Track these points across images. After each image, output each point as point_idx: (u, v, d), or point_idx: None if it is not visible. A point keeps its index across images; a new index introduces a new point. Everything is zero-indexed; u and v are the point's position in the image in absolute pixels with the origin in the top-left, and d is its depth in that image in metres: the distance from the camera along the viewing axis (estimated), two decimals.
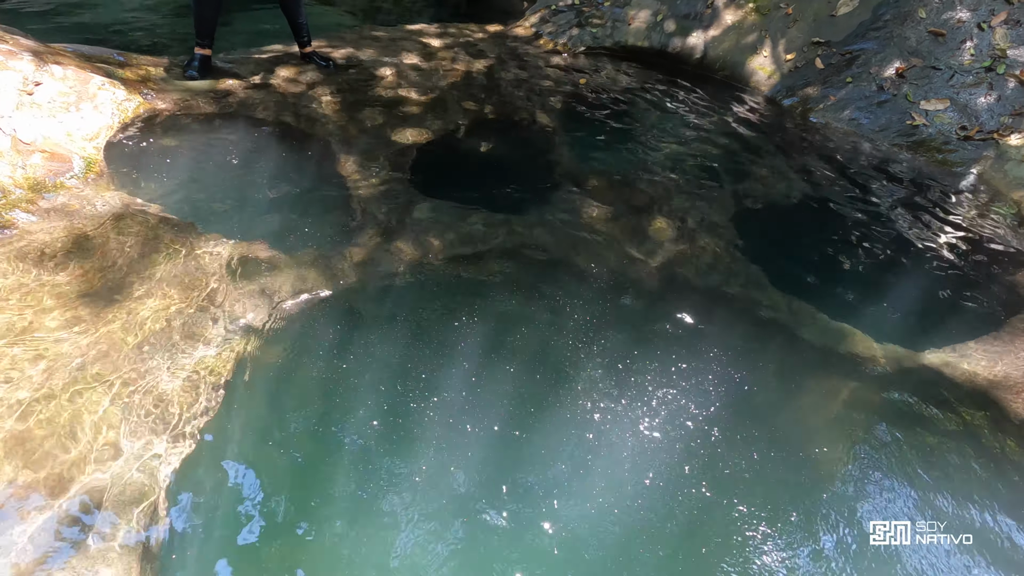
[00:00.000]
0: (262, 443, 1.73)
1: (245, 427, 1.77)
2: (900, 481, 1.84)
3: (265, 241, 2.38)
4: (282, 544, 1.51)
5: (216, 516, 1.56)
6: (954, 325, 2.42)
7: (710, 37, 4.51)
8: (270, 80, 3.49)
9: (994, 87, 3.66)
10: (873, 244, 2.90)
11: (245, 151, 2.90)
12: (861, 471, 1.87)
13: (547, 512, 1.67)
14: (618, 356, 2.17)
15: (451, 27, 4.87)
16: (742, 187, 3.21)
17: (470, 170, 3.11)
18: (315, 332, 2.09)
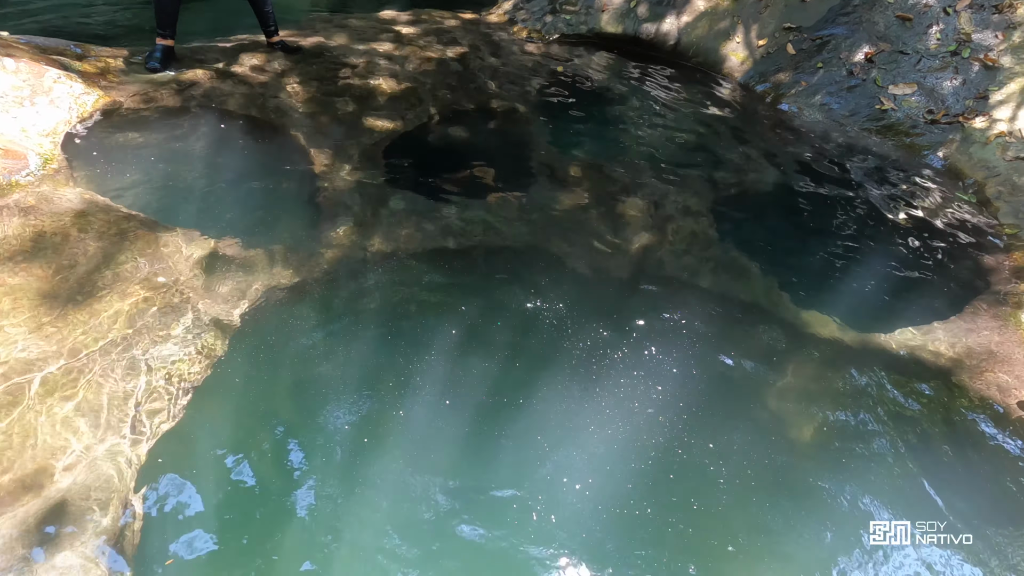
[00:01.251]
0: (232, 441, 1.70)
1: (215, 426, 1.73)
2: (869, 459, 1.88)
3: (234, 236, 2.32)
4: (253, 542, 1.49)
5: (186, 516, 1.53)
6: (920, 306, 2.48)
7: (683, 23, 4.50)
8: (236, 70, 3.40)
9: (959, 71, 3.73)
10: (843, 228, 2.95)
11: (211, 144, 2.83)
12: (833, 451, 1.91)
13: (527, 500, 1.67)
14: (595, 344, 2.17)
15: (423, 14, 4.79)
16: (716, 174, 3.23)
17: (445, 160, 3.07)
18: (287, 328, 2.05)
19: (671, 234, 2.72)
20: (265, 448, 1.70)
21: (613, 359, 2.12)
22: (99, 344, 1.84)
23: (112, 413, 1.69)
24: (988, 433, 1.97)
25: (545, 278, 2.46)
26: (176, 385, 1.80)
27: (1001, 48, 3.69)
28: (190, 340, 1.92)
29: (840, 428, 1.98)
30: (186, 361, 1.86)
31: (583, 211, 2.80)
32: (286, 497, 1.60)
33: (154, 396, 1.75)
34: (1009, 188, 3.15)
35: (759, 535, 1.66)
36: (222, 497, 1.58)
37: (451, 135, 3.24)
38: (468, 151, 3.01)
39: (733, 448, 1.88)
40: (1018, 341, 2.19)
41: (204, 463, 1.65)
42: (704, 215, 2.86)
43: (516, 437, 1.84)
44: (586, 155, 3.23)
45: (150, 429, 1.68)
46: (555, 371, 2.06)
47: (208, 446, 1.69)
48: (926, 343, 2.27)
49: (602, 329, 2.25)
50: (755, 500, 1.75)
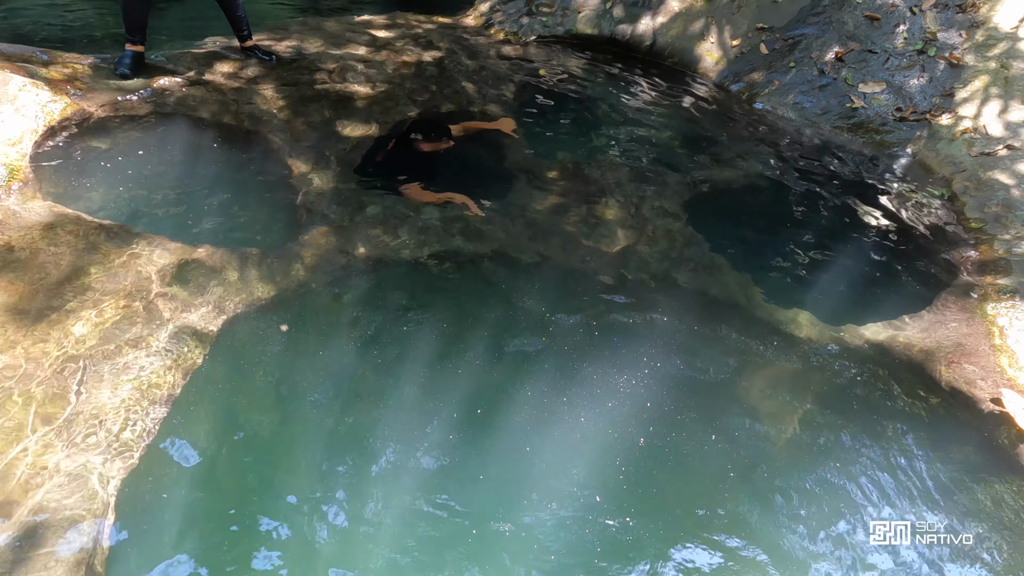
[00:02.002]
0: (210, 455, 1.68)
1: (192, 439, 1.71)
2: (845, 453, 1.92)
3: (209, 245, 2.29)
4: (230, 561, 1.48)
5: (162, 533, 1.51)
6: (891, 300, 2.53)
7: (658, 24, 4.55)
8: (209, 76, 3.35)
9: (926, 69, 3.82)
10: (816, 225, 3.00)
11: (184, 152, 2.79)
12: (810, 446, 1.95)
13: (512, 499, 1.68)
14: (576, 344, 2.19)
15: (399, 17, 4.76)
16: (693, 173, 3.27)
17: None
18: (264, 337, 2.03)
19: (649, 234, 2.75)
20: (243, 462, 1.69)
21: (593, 360, 2.14)
22: (71, 358, 1.80)
23: (85, 429, 1.66)
24: (959, 426, 2.03)
25: (524, 281, 2.47)
26: (152, 398, 1.77)
27: (965, 46, 3.79)
28: (165, 351, 1.90)
29: (816, 423, 2.02)
30: (162, 373, 1.84)
31: (561, 213, 2.81)
32: (264, 513, 1.59)
33: (129, 410, 1.72)
34: (974, 183, 3.23)
35: (738, 531, 1.69)
36: (199, 512, 1.56)
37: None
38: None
39: (713, 445, 1.91)
40: (983, 333, 2.26)
41: (181, 478, 1.63)
42: (681, 215, 2.90)
43: (499, 440, 1.84)
44: (564, 157, 3.25)
45: (125, 444, 1.65)
46: (536, 373, 2.07)
47: (185, 460, 1.67)
48: (897, 337, 2.32)
49: (582, 330, 2.27)
50: (734, 496, 1.77)
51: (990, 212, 3.02)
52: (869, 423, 2.01)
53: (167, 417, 1.75)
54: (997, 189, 3.15)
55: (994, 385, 2.06)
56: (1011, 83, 3.55)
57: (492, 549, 1.58)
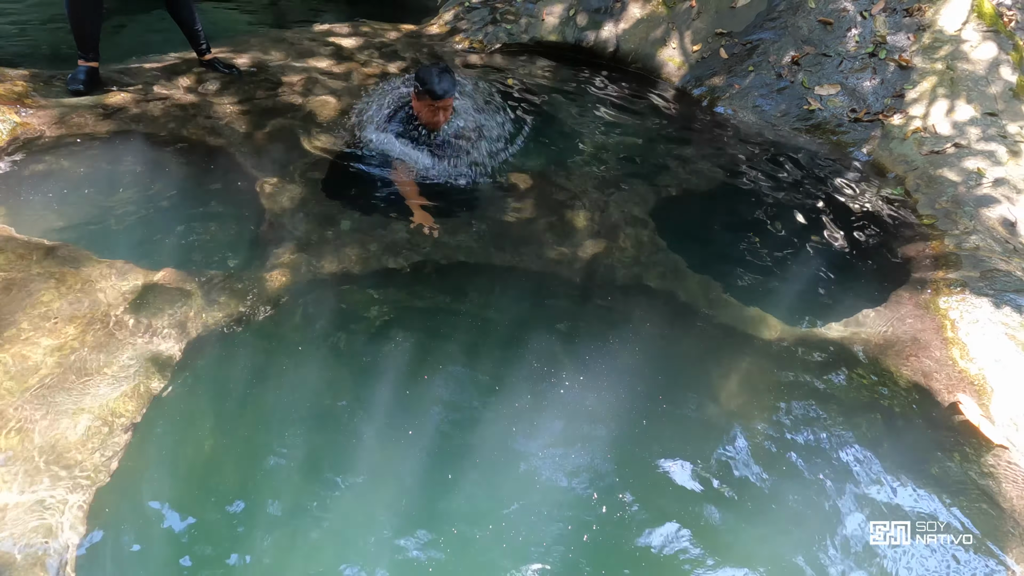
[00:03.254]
0: (176, 483, 1.64)
1: (157, 468, 1.67)
2: (814, 451, 1.98)
3: (171, 267, 2.24)
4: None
5: (129, 565, 1.47)
6: (851, 298, 2.62)
7: (621, 30, 4.62)
8: (167, 91, 3.28)
9: (877, 71, 3.96)
10: (778, 225, 3.09)
11: (143, 171, 2.72)
12: (780, 444, 2.00)
13: (489, 505, 1.68)
14: (547, 354, 2.20)
15: (363, 26, 4.74)
16: (659, 177, 3.32)
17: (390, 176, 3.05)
18: (232, 361, 2.00)
19: (617, 240, 2.78)
20: (212, 488, 1.65)
21: (566, 366, 2.16)
22: (26, 388, 1.74)
23: (43, 462, 1.60)
24: (918, 419, 2.10)
25: (496, 290, 2.48)
26: (113, 426, 1.72)
27: (913, 49, 3.94)
28: (126, 378, 1.85)
29: (784, 421, 2.07)
30: (123, 400, 1.79)
31: (531, 221, 2.83)
32: (234, 539, 1.56)
33: (90, 440, 1.67)
34: (926, 180, 3.37)
35: (711, 532, 1.72)
36: (166, 542, 1.52)
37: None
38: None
39: (685, 447, 1.94)
40: (937, 327, 2.35)
41: (146, 507, 1.59)
42: (648, 219, 2.94)
43: (474, 448, 1.84)
44: (532, 165, 3.27)
45: (86, 475, 1.60)
46: (509, 381, 2.08)
47: (150, 489, 1.63)
48: (858, 333, 2.40)
49: (554, 337, 2.29)
50: (707, 498, 1.81)
51: (940, 208, 3.15)
52: (833, 419, 2.07)
53: (130, 445, 1.70)
54: (946, 186, 3.28)
55: (948, 378, 2.15)
56: (956, 83, 3.70)
57: (473, 552, 1.58)
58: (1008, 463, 1.90)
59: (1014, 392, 2.07)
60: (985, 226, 2.96)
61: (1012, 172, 3.25)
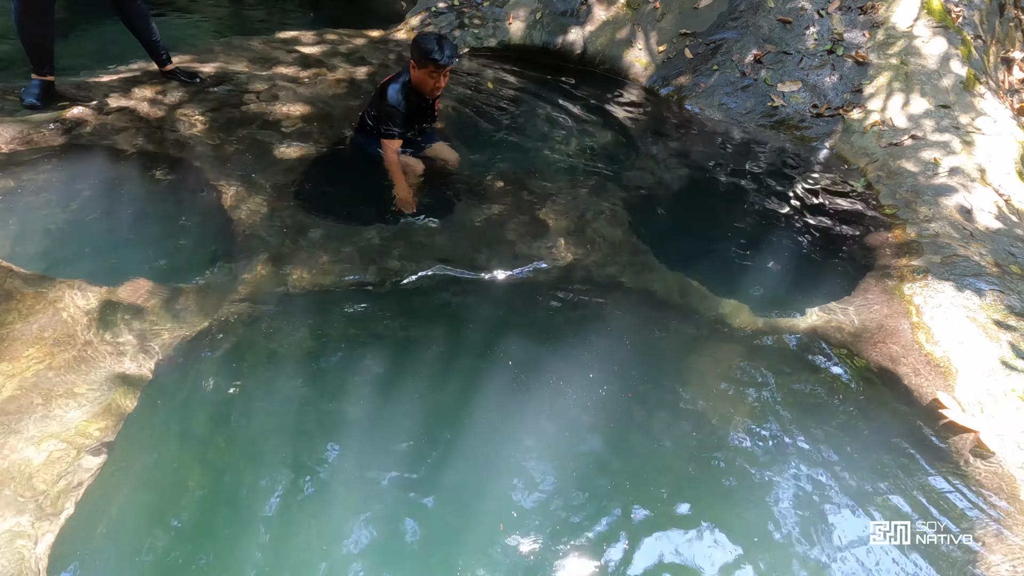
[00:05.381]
0: (147, 505, 1.60)
1: (127, 490, 1.62)
2: (785, 433, 2.02)
3: (137, 283, 2.18)
4: None
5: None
6: (821, 288, 2.68)
7: (588, 33, 4.67)
8: (128, 103, 3.20)
9: (836, 68, 4.08)
10: (748, 220, 3.15)
11: (105, 186, 2.64)
12: (758, 435, 2.04)
13: (475, 506, 1.67)
14: (527, 352, 2.20)
15: (328, 33, 4.69)
16: (630, 177, 3.36)
17: (362, 183, 3.03)
18: (203, 378, 1.95)
19: (592, 240, 2.80)
20: (186, 507, 1.61)
21: (546, 366, 2.16)
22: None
23: (10, 489, 1.54)
24: (887, 403, 2.17)
25: (472, 294, 2.47)
26: (81, 448, 1.66)
27: (869, 45, 4.07)
28: (95, 399, 1.79)
29: (761, 411, 2.11)
30: (91, 421, 1.73)
31: (505, 224, 2.84)
32: (211, 561, 1.52)
33: (57, 464, 1.61)
34: (886, 172, 3.48)
35: (693, 526, 1.74)
36: (138, 566, 1.48)
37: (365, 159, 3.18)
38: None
39: (665, 441, 1.96)
40: (903, 312, 2.42)
41: (117, 531, 1.54)
42: (622, 218, 2.97)
43: (456, 452, 1.83)
44: (504, 168, 3.28)
45: (54, 501, 1.54)
46: (489, 384, 2.08)
47: (121, 512, 1.58)
48: (829, 322, 2.46)
49: (533, 338, 2.29)
50: (690, 489, 1.83)
51: (901, 198, 3.25)
52: (808, 406, 2.12)
53: (99, 468, 1.65)
54: (906, 176, 3.39)
55: (915, 361, 2.21)
56: (910, 78, 3.84)
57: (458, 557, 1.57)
58: (981, 448, 1.97)
59: (977, 371, 2.15)
60: (943, 214, 3.07)
61: (965, 161, 3.38)
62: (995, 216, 3.10)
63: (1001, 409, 2.03)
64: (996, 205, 3.17)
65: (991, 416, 2.01)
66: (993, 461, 1.92)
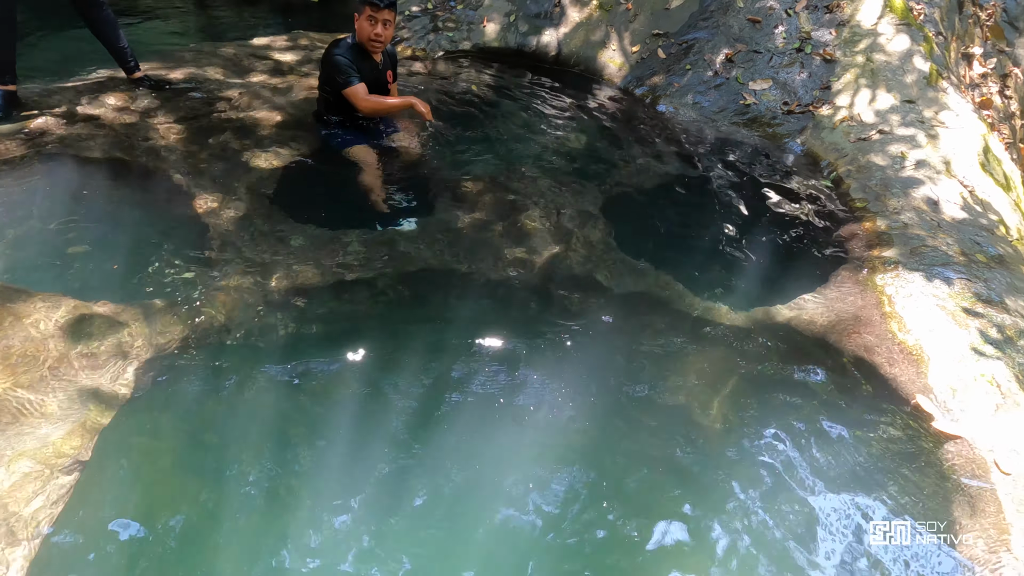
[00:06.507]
0: (126, 525, 1.56)
1: (104, 510, 1.58)
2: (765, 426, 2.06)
3: (111, 295, 2.13)
4: None
5: None
6: (797, 282, 2.73)
7: (562, 34, 4.70)
8: (96, 111, 3.13)
9: (804, 65, 4.17)
10: (724, 217, 3.20)
11: (73, 197, 2.58)
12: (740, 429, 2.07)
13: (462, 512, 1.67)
14: (508, 359, 2.21)
15: (301, 38, 4.65)
16: (608, 177, 3.39)
17: (341, 189, 3.00)
18: (181, 391, 1.91)
19: (571, 241, 2.82)
20: (164, 525, 1.57)
21: (529, 368, 2.17)
22: None
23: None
24: (862, 392, 2.22)
25: (454, 298, 2.47)
26: (55, 468, 1.62)
27: (836, 43, 4.17)
28: (67, 416, 1.74)
29: (744, 406, 2.14)
30: (65, 439, 1.69)
31: (485, 228, 2.84)
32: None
33: (30, 485, 1.57)
34: (856, 167, 3.56)
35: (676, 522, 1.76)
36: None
37: (345, 163, 3.16)
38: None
39: (647, 440, 1.98)
40: (876, 303, 2.48)
41: (95, 551, 1.50)
42: (600, 218, 3.00)
43: (442, 457, 1.83)
44: (483, 171, 3.28)
45: (26, 523, 1.50)
46: (473, 391, 2.07)
47: (98, 532, 1.54)
48: (803, 315, 2.51)
49: (514, 341, 2.29)
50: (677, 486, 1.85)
51: (871, 191, 3.34)
52: (786, 398, 2.16)
53: (75, 488, 1.60)
54: (875, 170, 3.48)
55: (888, 351, 2.27)
56: (876, 74, 3.94)
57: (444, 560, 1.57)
58: (953, 442, 2.03)
59: (947, 358, 2.21)
60: (912, 206, 3.16)
61: (931, 155, 3.48)
62: (961, 207, 3.20)
63: (971, 394, 2.09)
64: (961, 196, 3.27)
65: (964, 408, 2.07)
66: (963, 444, 1.98)
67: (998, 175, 3.60)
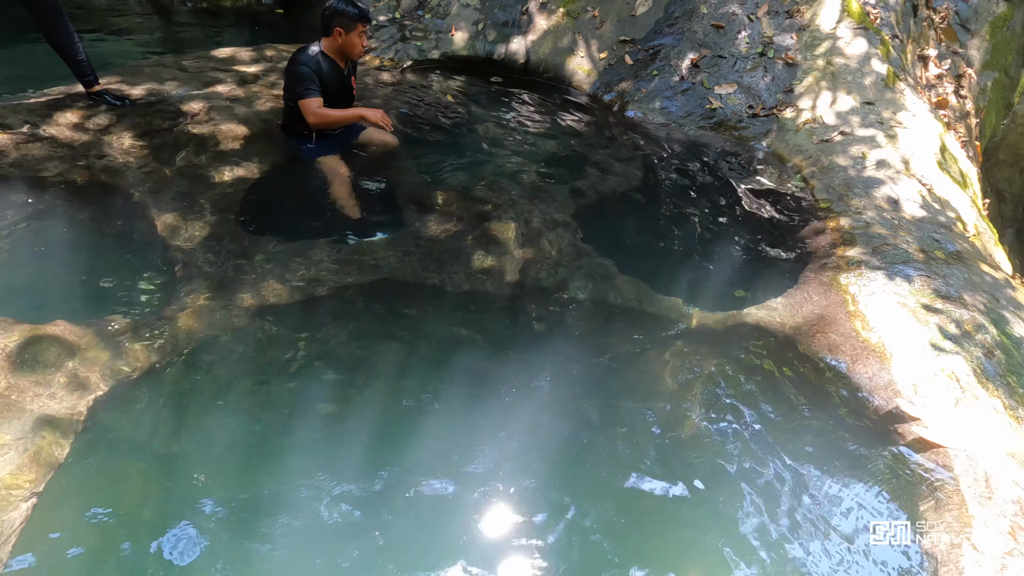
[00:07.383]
0: (85, 556, 1.51)
1: (62, 541, 1.53)
2: (739, 426, 2.08)
3: (66, 318, 2.06)
4: None
5: None
6: (765, 284, 2.77)
7: (530, 42, 4.72)
8: (50, 129, 3.04)
9: (768, 69, 4.25)
10: (693, 221, 3.24)
11: (27, 218, 2.50)
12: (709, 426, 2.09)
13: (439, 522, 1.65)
14: (480, 370, 2.20)
15: (267, 49, 4.58)
16: (577, 183, 3.41)
17: (308, 202, 2.96)
18: (143, 415, 1.86)
19: (542, 249, 2.82)
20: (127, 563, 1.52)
21: (500, 379, 2.16)
22: None
23: None
24: (829, 390, 2.25)
25: (425, 310, 2.45)
26: (8, 500, 1.56)
27: (797, 47, 4.26)
28: (20, 446, 1.68)
29: (714, 408, 2.16)
30: (19, 471, 1.62)
31: (456, 237, 2.82)
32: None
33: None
34: (820, 168, 3.64)
35: (657, 522, 1.76)
36: None
37: (311, 175, 3.12)
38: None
39: (622, 444, 1.98)
40: (840, 303, 2.53)
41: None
42: (570, 226, 3.01)
43: (414, 468, 1.81)
44: (453, 181, 3.27)
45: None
46: (444, 398, 2.06)
47: (56, 565, 1.48)
48: (773, 316, 2.55)
49: (487, 351, 2.29)
50: (647, 488, 1.86)
51: (835, 192, 3.41)
52: (757, 398, 2.19)
53: (28, 521, 1.54)
54: (838, 171, 3.56)
55: (852, 348, 2.31)
56: (836, 77, 4.04)
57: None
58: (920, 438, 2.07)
59: (909, 354, 2.26)
60: (874, 205, 3.23)
61: (891, 154, 3.57)
62: (920, 205, 3.29)
63: (932, 389, 2.14)
64: (920, 194, 3.36)
65: (925, 404, 2.11)
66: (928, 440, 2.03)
67: (955, 173, 3.71)
